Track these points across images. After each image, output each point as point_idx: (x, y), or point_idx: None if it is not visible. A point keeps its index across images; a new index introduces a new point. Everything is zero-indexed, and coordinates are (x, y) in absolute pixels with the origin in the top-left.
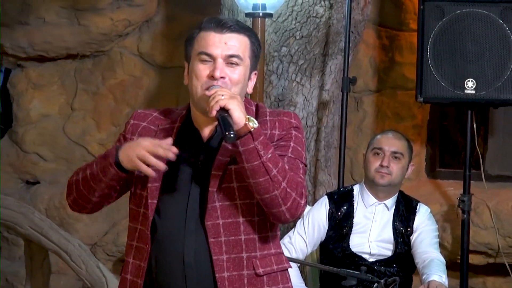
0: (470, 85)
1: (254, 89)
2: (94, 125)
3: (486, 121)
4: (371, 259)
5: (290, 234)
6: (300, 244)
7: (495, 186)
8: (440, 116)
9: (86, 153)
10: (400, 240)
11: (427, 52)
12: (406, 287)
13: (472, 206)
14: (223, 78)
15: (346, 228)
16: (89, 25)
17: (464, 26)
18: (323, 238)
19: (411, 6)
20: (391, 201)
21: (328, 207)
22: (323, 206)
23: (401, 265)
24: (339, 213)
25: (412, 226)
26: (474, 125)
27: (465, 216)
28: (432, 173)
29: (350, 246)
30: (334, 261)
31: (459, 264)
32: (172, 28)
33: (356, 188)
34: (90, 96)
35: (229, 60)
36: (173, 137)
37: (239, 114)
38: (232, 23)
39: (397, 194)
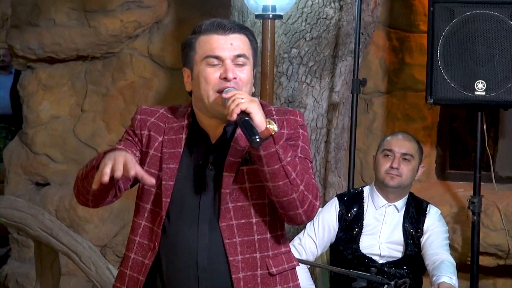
0: (480, 87)
1: (264, 91)
2: (104, 127)
3: (496, 123)
4: (381, 261)
5: (300, 236)
6: (310, 246)
7: (505, 188)
8: (450, 118)
9: (96, 155)
10: (410, 242)
11: (437, 54)
12: None
13: (482, 208)
14: (235, 79)
15: (356, 230)
16: (99, 27)
17: (474, 28)
18: (333, 240)
19: (421, 8)
20: (401, 203)
21: (338, 209)
22: (333, 208)
23: (411, 267)
24: (349, 215)
25: (422, 228)
26: (484, 127)
27: (475, 218)
28: (442, 175)
29: (360, 248)
30: (344, 263)
31: (469, 266)
32: (182, 30)
33: (366, 190)
34: (100, 98)
35: (237, 61)
36: (184, 140)
37: (261, 118)
38: (232, 24)
39: (407, 196)
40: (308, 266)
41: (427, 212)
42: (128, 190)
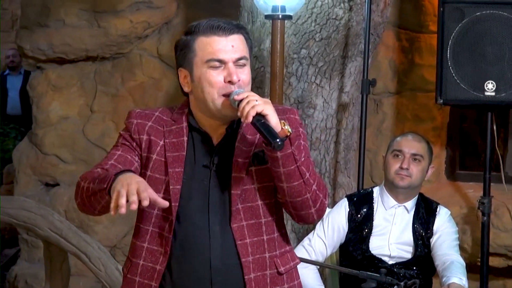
0: (490, 87)
1: (274, 91)
2: (114, 127)
3: (506, 123)
4: (391, 262)
5: (310, 237)
6: (320, 247)
7: None
8: (460, 118)
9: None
10: (420, 243)
11: (447, 54)
12: None
13: (492, 208)
14: (238, 81)
15: (366, 231)
16: (109, 27)
17: (484, 28)
18: (343, 241)
19: (431, 8)
20: (411, 203)
21: (348, 209)
22: (343, 208)
23: (421, 268)
24: (359, 215)
25: (432, 229)
26: (494, 127)
27: (485, 219)
28: (452, 175)
29: (370, 249)
30: (354, 263)
31: (479, 267)
32: None
33: (376, 190)
34: (110, 98)
35: (238, 63)
36: (186, 143)
37: (277, 120)
38: (229, 24)
39: (417, 196)
40: (318, 267)
41: (437, 213)
42: None
